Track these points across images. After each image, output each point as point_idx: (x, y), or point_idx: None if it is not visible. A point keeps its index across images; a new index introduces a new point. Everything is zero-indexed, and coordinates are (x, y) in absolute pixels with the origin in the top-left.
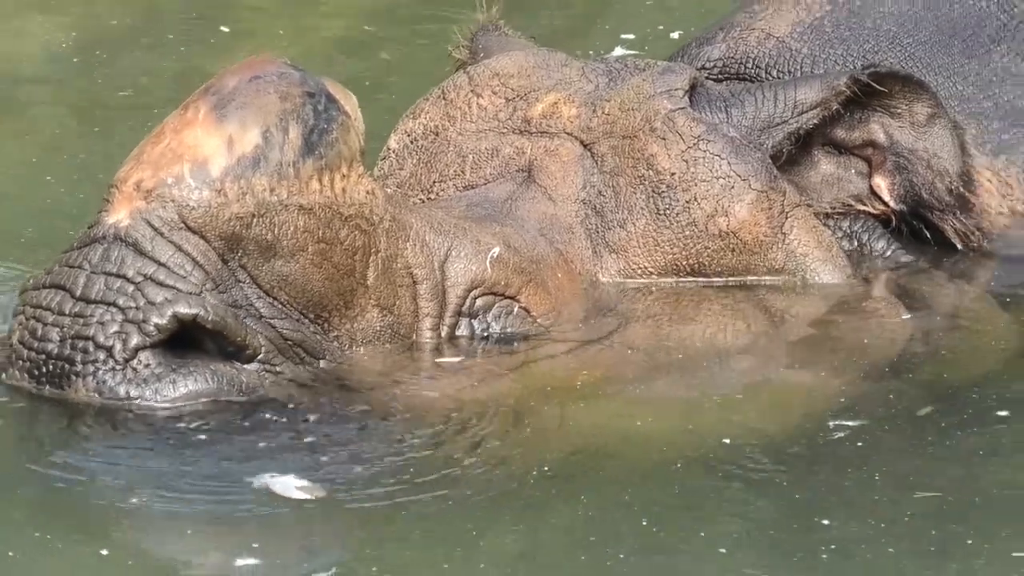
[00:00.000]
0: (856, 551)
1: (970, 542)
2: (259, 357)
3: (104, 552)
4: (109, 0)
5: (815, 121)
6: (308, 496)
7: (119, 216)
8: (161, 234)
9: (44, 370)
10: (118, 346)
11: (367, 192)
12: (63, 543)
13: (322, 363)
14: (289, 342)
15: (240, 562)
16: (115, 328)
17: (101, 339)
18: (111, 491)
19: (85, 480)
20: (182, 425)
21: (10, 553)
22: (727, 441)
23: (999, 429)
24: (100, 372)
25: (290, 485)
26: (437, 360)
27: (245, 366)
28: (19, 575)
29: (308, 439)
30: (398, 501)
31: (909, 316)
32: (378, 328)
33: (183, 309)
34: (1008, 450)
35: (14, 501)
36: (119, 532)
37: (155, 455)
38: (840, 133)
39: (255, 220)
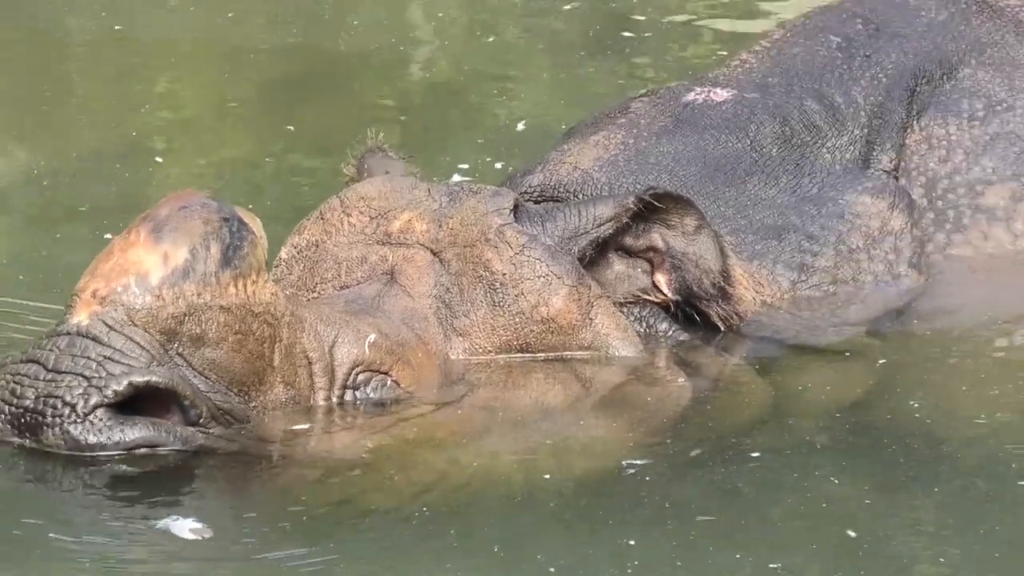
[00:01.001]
0: (653, 568)
1: (738, 556)
2: (200, 420)
3: None
4: (72, 135)
5: (610, 231)
6: (197, 537)
7: (80, 318)
8: (114, 330)
9: (21, 421)
10: (80, 403)
11: (271, 294)
12: None
13: (245, 427)
14: (219, 409)
15: None
16: (80, 390)
17: (68, 398)
18: (42, 526)
19: (22, 514)
20: (118, 473)
21: None
22: (547, 477)
23: (753, 466)
24: (65, 423)
25: (185, 527)
26: (329, 421)
27: (186, 427)
28: None
29: (216, 487)
30: (278, 541)
31: (684, 381)
32: (284, 399)
33: (138, 378)
34: (760, 482)
35: None
36: (33, 561)
37: (88, 498)
38: (629, 240)
39: (187, 318)
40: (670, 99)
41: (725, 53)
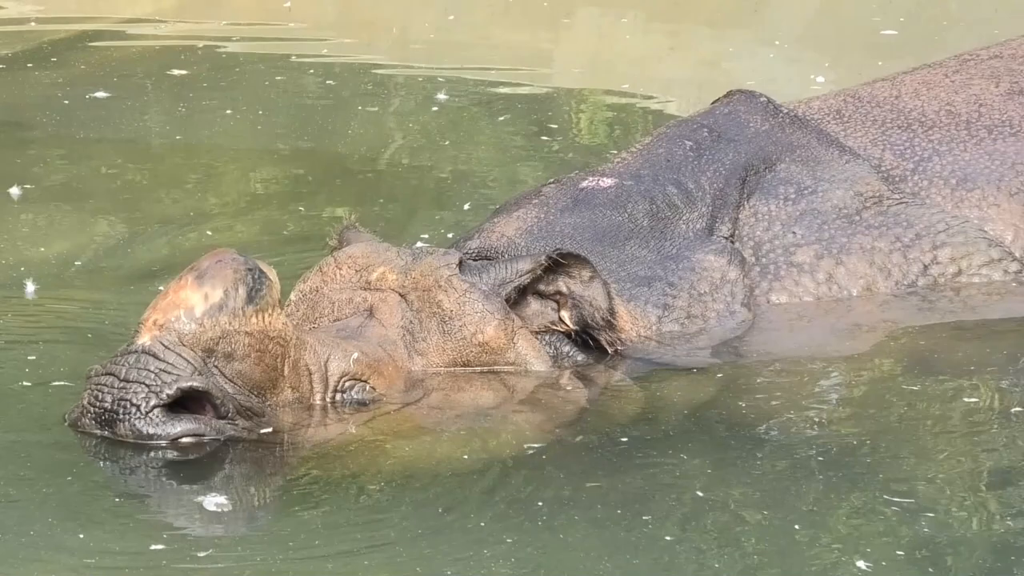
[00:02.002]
0: (556, 520)
1: (618, 511)
2: (228, 415)
3: (81, 535)
4: (146, 214)
5: (528, 280)
6: (218, 509)
7: (144, 340)
8: (169, 349)
9: (102, 418)
10: (143, 404)
11: (283, 323)
12: (45, 520)
13: (262, 420)
14: (243, 407)
15: (153, 546)
16: (143, 395)
17: (134, 400)
18: (111, 494)
19: (98, 486)
20: (169, 456)
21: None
22: (479, 457)
23: (623, 448)
24: (132, 419)
25: (211, 501)
26: (324, 416)
27: (218, 420)
28: (22, 541)
29: (239, 469)
30: (281, 508)
31: (580, 388)
32: (291, 399)
33: (184, 384)
34: (630, 458)
35: (39, 491)
36: (94, 522)
37: (146, 475)
38: (542, 286)
39: (221, 340)
40: (571, 185)
41: (615, 152)
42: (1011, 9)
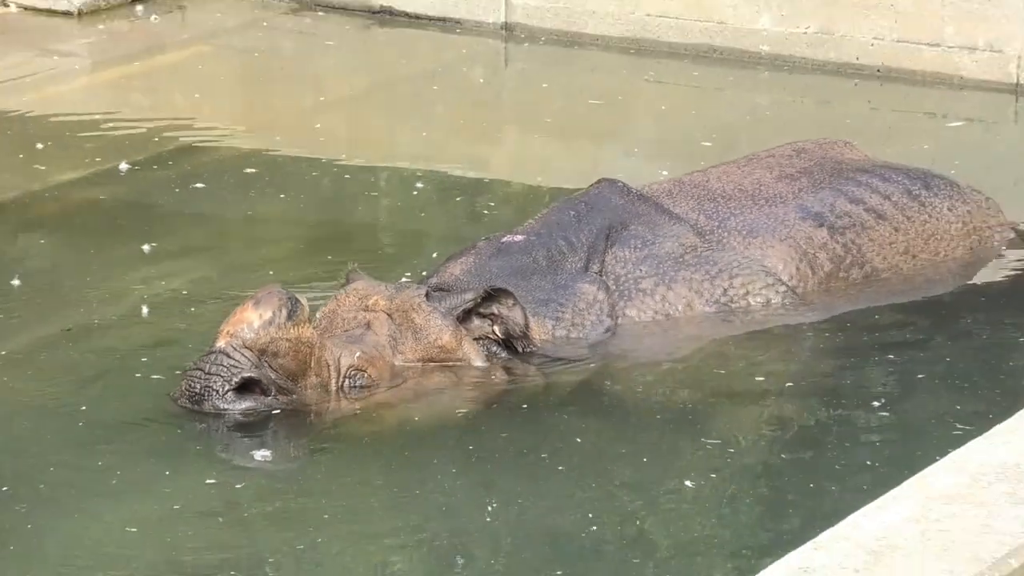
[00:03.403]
0: (485, 458)
1: (525, 451)
2: (275, 395)
3: (167, 472)
4: (213, 268)
5: (471, 305)
6: (262, 459)
7: (220, 344)
8: (236, 350)
9: (193, 398)
10: (220, 389)
11: (311, 333)
12: (147, 463)
13: (296, 398)
14: (284, 389)
15: (208, 480)
16: (220, 382)
17: (214, 386)
18: (190, 448)
19: (186, 440)
20: (237, 422)
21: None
22: (425, 420)
23: (529, 414)
24: (212, 399)
25: (259, 454)
26: (337, 397)
27: (268, 397)
28: (132, 475)
29: (282, 433)
30: (306, 458)
31: (503, 376)
32: (315, 384)
33: (246, 374)
34: (530, 423)
35: (138, 443)
36: (178, 465)
37: (217, 437)
38: (481, 309)
39: (270, 344)
40: (495, 240)
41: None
42: (782, 128)
